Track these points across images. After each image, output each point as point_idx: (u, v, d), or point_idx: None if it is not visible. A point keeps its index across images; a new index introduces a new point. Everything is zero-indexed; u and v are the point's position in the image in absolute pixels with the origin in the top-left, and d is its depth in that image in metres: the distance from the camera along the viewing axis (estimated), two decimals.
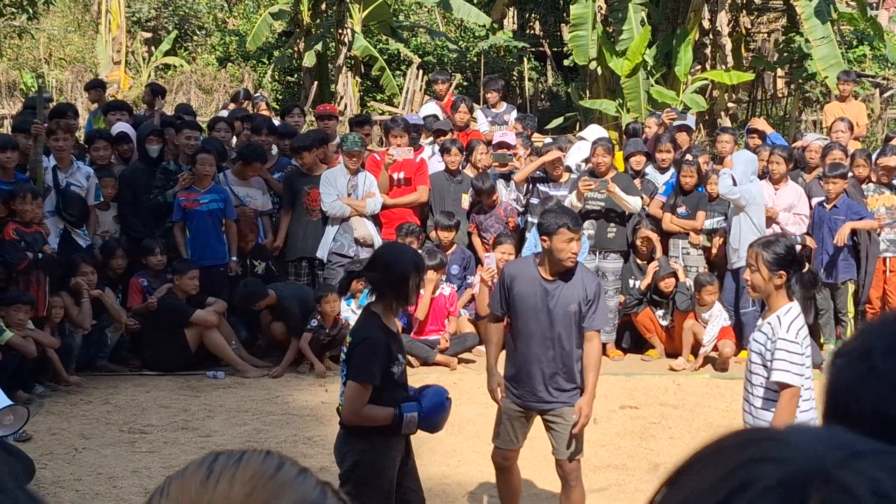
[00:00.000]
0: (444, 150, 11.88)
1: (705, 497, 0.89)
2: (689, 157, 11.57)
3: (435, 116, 13.61)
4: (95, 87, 15.17)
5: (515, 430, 6.32)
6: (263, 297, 10.67)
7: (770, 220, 11.10)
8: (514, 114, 14.10)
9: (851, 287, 11.00)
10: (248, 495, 1.11)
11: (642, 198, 11.30)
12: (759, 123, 13.12)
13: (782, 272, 5.28)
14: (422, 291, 10.37)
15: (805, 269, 5.51)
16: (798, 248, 10.85)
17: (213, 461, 1.16)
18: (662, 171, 12.02)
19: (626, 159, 12.08)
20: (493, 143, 12.20)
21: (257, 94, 18.32)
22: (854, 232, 10.92)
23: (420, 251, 9.77)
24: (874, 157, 11.67)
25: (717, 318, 10.75)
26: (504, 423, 6.34)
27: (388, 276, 5.27)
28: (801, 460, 0.89)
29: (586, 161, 11.79)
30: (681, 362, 10.77)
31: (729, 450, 0.94)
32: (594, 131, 13.15)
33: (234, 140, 12.59)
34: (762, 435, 0.95)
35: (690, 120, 14.30)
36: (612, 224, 11.26)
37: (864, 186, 11.35)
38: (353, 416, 5.23)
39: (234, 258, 11.17)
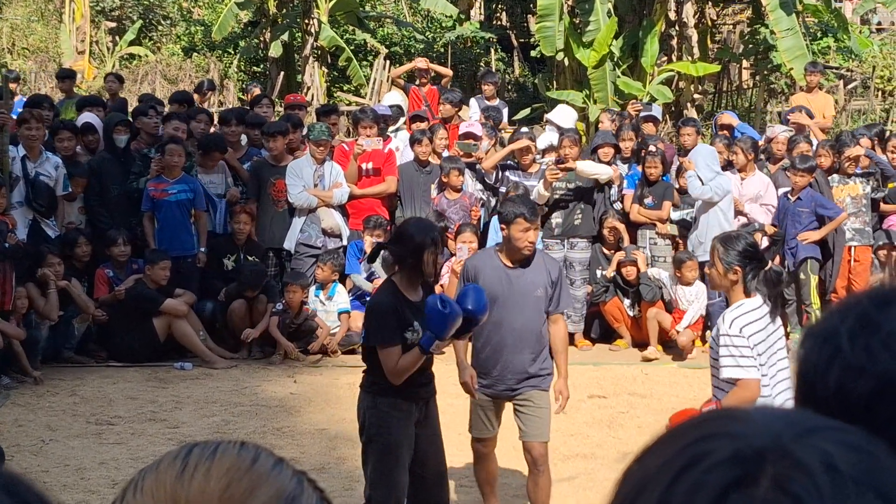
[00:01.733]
0: (414, 141, 11.85)
1: (661, 472, 0.91)
2: (651, 147, 11.60)
3: (399, 107, 13.59)
4: (67, 77, 15.07)
5: (489, 418, 6.43)
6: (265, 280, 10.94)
7: (736, 211, 11.17)
8: (506, 111, 14.13)
9: (815, 279, 11.06)
10: (224, 489, 1.10)
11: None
12: (726, 118, 13.17)
13: (737, 268, 5.27)
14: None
15: (768, 267, 5.48)
16: (763, 236, 11.00)
17: (187, 454, 1.14)
18: (625, 160, 12.07)
19: (594, 151, 12.11)
20: (460, 133, 12.18)
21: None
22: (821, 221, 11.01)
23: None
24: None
25: (702, 295, 10.78)
26: (477, 413, 6.44)
27: (405, 247, 5.54)
28: (755, 436, 0.91)
29: (544, 152, 11.79)
30: (652, 352, 10.81)
31: (688, 427, 0.96)
32: (562, 112, 13.19)
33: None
34: (721, 413, 0.97)
35: (656, 111, 14.36)
36: (579, 209, 11.29)
37: (829, 178, 11.44)
38: (393, 375, 5.50)
39: (203, 249, 11.13)
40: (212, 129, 12.34)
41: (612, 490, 0.97)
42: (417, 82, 14.73)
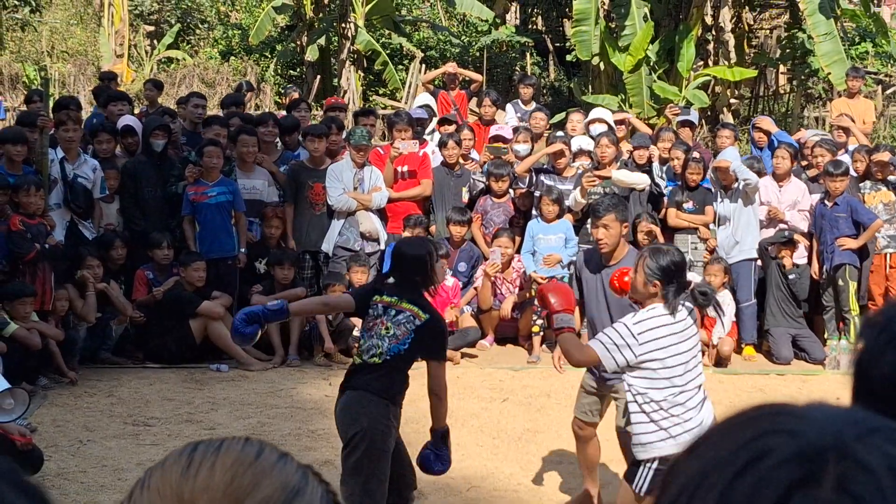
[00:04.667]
0: (441, 144, 11.88)
1: (722, 466, 0.91)
2: (695, 154, 11.59)
3: (428, 106, 13.60)
4: (111, 79, 15.24)
5: (589, 405, 6.74)
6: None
7: (776, 219, 11.11)
8: (541, 114, 14.12)
9: (853, 285, 10.96)
10: (229, 482, 1.12)
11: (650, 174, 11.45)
12: (765, 123, 13.07)
13: (657, 282, 5.34)
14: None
15: (691, 287, 5.48)
16: (796, 244, 10.94)
17: (192, 451, 1.17)
18: (664, 162, 12.03)
19: (629, 153, 12.10)
20: (490, 136, 12.17)
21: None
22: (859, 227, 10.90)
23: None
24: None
25: (729, 306, 10.67)
26: (581, 395, 6.79)
27: (415, 267, 5.66)
28: (817, 434, 0.90)
29: (575, 156, 11.75)
30: None
31: (746, 422, 0.95)
32: (599, 112, 13.21)
33: None
34: (779, 409, 0.96)
35: (694, 115, 14.31)
36: None
37: (860, 184, 11.35)
38: (444, 390, 5.72)
39: (243, 250, 11.18)
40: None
41: (663, 481, 0.96)
42: (447, 87, 14.69)
